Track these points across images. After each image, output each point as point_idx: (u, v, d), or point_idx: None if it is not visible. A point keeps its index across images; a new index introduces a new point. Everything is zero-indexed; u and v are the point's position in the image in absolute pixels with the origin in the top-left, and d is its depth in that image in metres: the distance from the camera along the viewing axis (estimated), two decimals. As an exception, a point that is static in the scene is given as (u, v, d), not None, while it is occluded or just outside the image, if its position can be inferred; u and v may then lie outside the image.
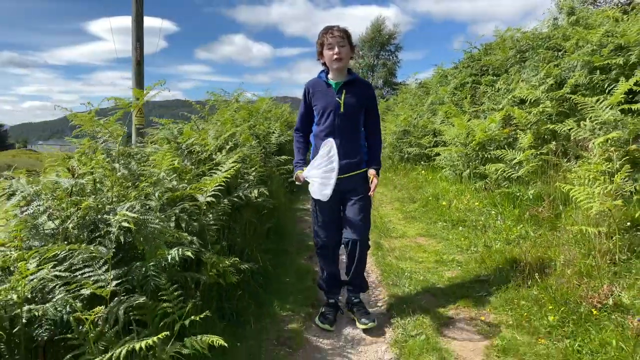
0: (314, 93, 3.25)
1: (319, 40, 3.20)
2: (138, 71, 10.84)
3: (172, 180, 2.98)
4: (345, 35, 3.12)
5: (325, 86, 3.22)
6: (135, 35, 10.86)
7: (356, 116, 3.21)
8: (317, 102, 3.23)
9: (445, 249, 4.83)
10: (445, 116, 8.60)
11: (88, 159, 2.70)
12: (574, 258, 3.56)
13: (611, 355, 2.59)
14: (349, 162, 3.17)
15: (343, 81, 3.18)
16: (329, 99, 3.17)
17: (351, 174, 3.21)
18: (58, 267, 2.23)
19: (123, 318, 2.17)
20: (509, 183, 5.52)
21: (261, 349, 3.06)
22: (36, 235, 2.34)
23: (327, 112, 3.17)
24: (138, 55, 10.84)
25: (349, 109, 3.15)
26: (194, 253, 2.51)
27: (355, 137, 3.24)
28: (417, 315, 3.43)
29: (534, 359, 2.77)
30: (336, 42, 3.08)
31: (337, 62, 3.10)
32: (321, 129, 3.22)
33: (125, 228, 2.31)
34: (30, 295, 2.15)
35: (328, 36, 3.11)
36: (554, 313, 3.09)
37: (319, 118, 3.24)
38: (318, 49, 3.22)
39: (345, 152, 3.12)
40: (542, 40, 8.46)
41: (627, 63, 5.40)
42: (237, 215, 4.04)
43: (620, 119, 4.57)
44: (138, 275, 2.40)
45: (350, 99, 3.15)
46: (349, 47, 3.15)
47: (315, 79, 3.31)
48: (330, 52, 3.10)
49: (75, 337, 2.03)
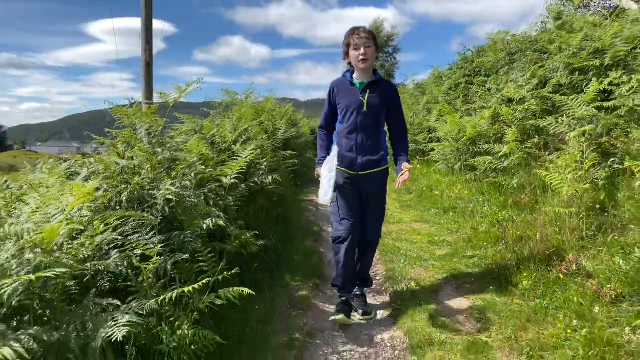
0: (339, 92, 3.32)
1: (345, 41, 3.25)
2: (147, 72, 11.30)
3: (200, 165, 3.45)
4: (371, 37, 3.19)
5: (349, 85, 3.29)
6: (145, 38, 11.32)
7: (378, 116, 3.26)
8: (341, 101, 3.29)
9: (437, 232, 5.31)
10: (439, 114, 9.07)
11: (131, 145, 3.16)
12: (548, 235, 4.04)
13: (572, 309, 3.07)
14: (369, 159, 3.25)
15: (367, 81, 3.25)
16: (353, 98, 3.24)
17: (370, 171, 3.27)
18: (113, 234, 2.71)
19: (168, 273, 2.64)
20: (495, 174, 6.00)
21: (275, 310, 3.54)
22: (94, 207, 2.81)
23: (350, 110, 3.23)
24: (147, 57, 11.31)
25: (371, 108, 3.21)
26: (225, 223, 2.98)
27: (376, 135, 3.28)
28: (411, 284, 3.91)
29: (509, 314, 3.25)
30: (362, 43, 3.14)
31: (363, 63, 3.16)
32: (344, 127, 3.28)
33: (169, 201, 2.79)
34: (93, 254, 2.62)
35: (354, 37, 3.16)
36: (528, 279, 3.57)
37: (342, 116, 3.30)
38: (344, 49, 3.27)
39: (366, 150, 3.23)
40: (530, 43, 8.94)
41: (602, 65, 5.89)
42: (252, 200, 4.50)
43: (594, 114, 5.05)
44: (178, 241, 2.87)
45: (373, 99, 3.21)
46: (375, 47, 3.21)
47: (340, 79, 3.38)
48: (357, 53, 3.16)
49: (134, 285, 2.50)
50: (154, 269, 2.59)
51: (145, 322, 2.43)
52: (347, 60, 3.27)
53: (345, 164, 3.27)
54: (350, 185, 3.30)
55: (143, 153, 3.07)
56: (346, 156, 3.26)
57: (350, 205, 3.32)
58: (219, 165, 3.85)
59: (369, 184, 3.31)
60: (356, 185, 3.27)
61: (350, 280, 3.49)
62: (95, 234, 2.31)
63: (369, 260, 3.60)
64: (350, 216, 3.31)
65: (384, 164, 3.32)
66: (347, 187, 3.31)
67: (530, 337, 2.95)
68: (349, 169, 3.28)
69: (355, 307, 3.50)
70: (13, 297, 1.50)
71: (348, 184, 3.30)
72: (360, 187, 3.30)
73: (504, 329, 3.10)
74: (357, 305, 3.50)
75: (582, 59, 6.21)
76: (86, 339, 1.64)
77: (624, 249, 3.52)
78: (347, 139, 3.26)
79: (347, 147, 3.26)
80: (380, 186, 3.36)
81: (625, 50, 5.82)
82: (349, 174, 3.29)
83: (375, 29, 38.54)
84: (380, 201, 3.41)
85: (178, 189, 2.86)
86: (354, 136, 3.23)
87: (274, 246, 4.48)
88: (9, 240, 1.62)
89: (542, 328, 3.03)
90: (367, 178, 3.28)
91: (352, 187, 3.30)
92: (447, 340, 3.06)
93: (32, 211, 1.92)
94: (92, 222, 2.23)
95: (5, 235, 1.68)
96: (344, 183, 3.30)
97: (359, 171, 3.24)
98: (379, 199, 3.39)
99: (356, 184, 3.27)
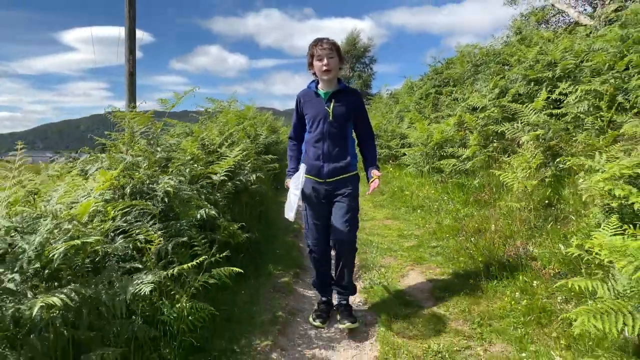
0: (305, 102, 3.34)
1: (309, 51, 3.26)
2: (131, 81, 11.52)
3: (192, 164, 3.83)
4: (334, 48, 3.19)
5: (314, 96, 3.31)
6: (128, 48, 11.57)
7: (345, 124, 3.28)
8: (308, 111, 3.31)
9: (406, 227, 5.77)
10: (410, 122, 9.60)
11: (131, 145, 3.53)
12: (501, 226, 4.53)
13: (517, 286, 3.54)
14: (335, 167, 3.27)
15: (332, 91, 3.27)
16: (319, 108, 3.26)
17: (338, 178, 3.29)
18: (119, 220, 3.07)
19: (169, 254, 3.01)
20: (459, 175, 6.51)
21: (260, 294, 3.92)
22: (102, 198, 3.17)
23: (317, 120, 3.25)
24: (131, 66, 11.56)
25: (337, 117, 3.23)
26: (215, 214, 3.37)
27: (343, 143, 3.29)
28: (381, 270, 4.34)
29: (464, 292, 3.71)
30: (325, 54, 3.14)
31: (326, 74, 3.17)
32: (312, 136, 3.30)
33: (167, 193, 3.17)
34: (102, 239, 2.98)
35: (317, 48, 3.17)
36: (482, 261, 4.04)
37: (310, 126, 3.32)
38: (308, 59, 3.28)
39: (332, 157, 3.26)
40: (494, 55, 9.57)
41: (554, 76, 6.48)
42: (237, 198, 4.89)
43: (545, 121, 5.60)
44: (175, 229, 3.25)
45: (339, 108, 3.23)
46: (338, 58, 3.21)
47: (305, 90, 3.40)
48: (320, 64, 3.16)
49: (139, 264, 2.86)
50: (156, 250, 2.96)
51: (149, 297, 2.80)
52: (312, 70, 3.29)
53: (312, 172, 3.30)
54: (317, 193, 3.33)
55: (142, 152, 3.44)
56: (313, 165, 3.29)
57: (317, 214, 3.37)
58: (208, 164, 4.24)
59: (337, 190, 3.32)
60: (324, 193, 3.30)
61: (327, 283, 3.61)
62: (107, 218, 2.68)
63: (348, 266, 3.46)
64: (316, 226, 3.39)
65: (351, 169, 3.33)
66: (315, 196, 3.35)
67: (481, 309, 3.41)
68: (316, 176, 3.31)
69: (340, 317, 3.44)
70: (58, 260, 1.86)
71: (316, 192, 3.33)
72: (328, 193, 3.32)
73: (460, 304, 3.55)
74: (343, 316, 3.42)
75: (536, 71, 6.80)
76: (113, 294, 2.01)
77: (565, 236, 4.02)
78: (315, 147, 3.28)
79: (315, 156, 3.29)
80: (348, 189, 3.33)
81: (573, 63, 6.42)
82: (316, 182, 3.32)
83: (352, 40, 39.25)
84: (349, 202, 3.32)
85: (175, 183, 3.25)
86: (321, 144, 3.25)
87: (258, 239, 4.87)
88: (46, 216, 1.98)
89: (492, 302, 3.50)
90: (334, 184, 3.30)
91: (320, 195, 3.33)
92: (411, 313, 3.49)
93: (61, 195, 2.27)
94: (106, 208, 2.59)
95: (42, 213, 2.03)
96: (312, 191, 3.34)
97: (326, 179, 3.27)
98: (348, 198, 3.32)
99: (324, 191, 3.30)
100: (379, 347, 3.14)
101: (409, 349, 3.00)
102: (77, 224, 2.00)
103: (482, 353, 2.91)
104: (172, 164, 3.53)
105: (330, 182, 3.28)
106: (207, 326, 3.12)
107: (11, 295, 1.81)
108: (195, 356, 2.89)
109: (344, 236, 3.30)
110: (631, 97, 4.75)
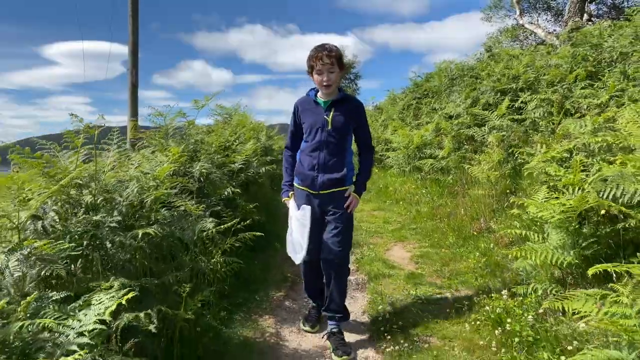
0: (303, 110, 3.15)
1: (308, 61, 3.03)
2: (133, 92, 12.27)
3: (216, 154, 4.61)
4: (335, 60, 2.96)
5: (314, 104, 3.10)
6: (131, 62, 12.32)
7: (344, 134, 3.06)
8: (306, 120, 3.11)
9: (390, 216, 6.59)
10: (393, 129, 10.46)
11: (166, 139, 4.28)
12: (469, 210, 5.37)
13: (480, 251, 4.36)
14: (330, 178, 3.02)
15: (332, 100, 3.06)
16: (317, 116, 3.05)
17: (332, 191, 3.05)
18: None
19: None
20: (436, 172, 7.36)
21: (270, 262, 4.68)
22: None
23: (315, 129, 3.04)
24: (134, 79, 12.30)
25: (336, 126, 3.01)
26: (238, 192, 4.13)
27: (340, 154, 3.06)
28: (368, 246, 5.13)
29: (438, 258, 4.51)
30: (326, 69, 2.94)
31: (326, 89, 2.99)
32: (308, 145, 3.09)
33: (202, 174, 3.93)
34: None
35: (318, 62, 2.94)
36: (452, 237, 4.86)
37: (307, 135, 3.11)
38: (308, 69, 3.07)
39: (328, 168, 3.02)
40: (468, 70, 10.54)
41: (517, 88, 7.40)
42: (247, 188, 5.65)
43: (508, 125, 6.49)
44: (207, 204, 4.00)
45: (338, 117, 3.02)
46: (339, 69, 3.00)
47: (304, 97, 3.20)
48: (320, 78, 2.96)
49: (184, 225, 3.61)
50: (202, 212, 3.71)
51: (191, 254, 3.54)
52: (312, 78, 3.08)
53: (306, 182, 3.08)
54: (311, 205, 3.05)
55: (176, 143, 4.20)
56: (307, 175, 3.06)
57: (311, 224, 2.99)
58: (225, 157, 5.01)
59: (331, 204, 3.07)
60: (316, 207, 3.07)
61: (317, 295, 3.43)
62: (159, 193, 3.43)
63: (338, 287, 3.16)
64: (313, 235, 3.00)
65: (347, 183, 3.08)
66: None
67: (451, 268, 4.22)
68: (309, 188, 3.07)
69: (333, 347, 3.06)
70: (150, 204, 2.62)
71: (309, 204, 3.05)
72: (321, 206, 3.08)
73: (433, 266, 4.36)
74: (335, 345, 3.05)
75: (502, 83, 7.73)
76: (184, 231, 2.78)
77: (520, 215, 4.86)
78: (310, 156, 3.06)
79: (309, 166, 3.06)
80: (343, 206, 3.06)
81: (533, 77, 7.36)
82: (309, 193, 3.09)
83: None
84: (343, 221, 3.06)
85: (208, 167, 4.01)
86: (317, 154, 3.03)
87: (264, 221, 5.62)
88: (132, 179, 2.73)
89: (459, 263, 4.31)
90: (328, 197, 3.06)
91: (313, 207, 3.05)
92: (394, 273, 4.28)
93: (137, 167, 3.00)
94: (163, 181, 3.32)
95: (129, 177, 2.78)
96: (305, 203, 3.06)
97: (320, 190, 3.04)
98: (341, 218, 3.05)
99: (316, 204, 3.07)
100: (369, 295, 3.91)
101: (393, 295, 3.78)
102: (159, 182, 2.74)
103: (450, 296, 3.71)
104: (201, 154, 4.29)
105: (323, 194, 3.05)
106: (233, 282, 3.88)
107: (112, 232, 2.55)
108: (226, 300, 3.64)
109: (334, 255, 3.06)
110: (574, 104, 5.65)
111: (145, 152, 3.55)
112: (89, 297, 1.99)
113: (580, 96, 5.64)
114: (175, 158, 2.95)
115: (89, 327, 1.75)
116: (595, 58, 6.55)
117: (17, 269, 1.97)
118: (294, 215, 3.06)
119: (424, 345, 3.00)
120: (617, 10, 15.40)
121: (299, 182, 3.15)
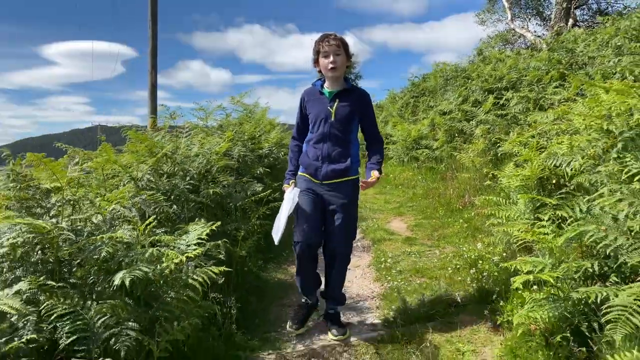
0: (309, 101, 3.12)
1: (314, 48, 3.01)
2: (152, 92, 13.14)
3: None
4: (341, 44, 2.95)
5: (319, 94, 3.07)
6: (151, 64, 13.20)
7: (348, 125, 3.01)
8: (311, 110, 3.09)
9: (390, 197, 7.50)
10: (393, 125, 11.37)
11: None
12: (457, 189, 6.27)
13: (463, 219, 5.26)
14: (333, 169, 2.98)
15: (337, 90, 3.02)
16: (322, 107, 3.03)
17: (334, 181, 3.00)
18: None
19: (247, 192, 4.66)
20: (431, 161, 8.27)
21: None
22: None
23: (319, 120, 3.02)
24: (153, 79, 13.17)
25: (340, 117, 2.97)
26: (267, 171, 5.02)
27: (344, 145, 3.01)
28: (372, 220, 6.04)
29: (429, 226, 5.42)
30: (332, 50, 2.91)
31: (332, 71, 2.93)
32: (313, 136, 3.07)
33: (240, 155, 4.82)
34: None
35: (324, 44, 2.93)
36: (442, 211, 5.76)
37: (312, 126, 3.09)
38: (314, 56, 3.04)
39: (331, 159, 2.99)
40: (461, 71, 11.43)
41: (501, 87, 8.29)
42: (270, 171, 6.54)
43: (493, 119, 7.39)
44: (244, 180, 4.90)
45: (342, 108, 2.98)
46: (345, 55, 2.98)
47: (310, 88, 3.17)
48: (326, 61, 2.93)
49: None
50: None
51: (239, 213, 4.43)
52: (317, 68, 3.06)
53: (309, 170, 3.06)
54: (312, 192, 3.04)
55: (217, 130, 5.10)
56: (312, 164, 3.04)
57: (308, 211, 3.00)
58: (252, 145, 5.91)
59: (334, 194, 3.00)
60: (319, 194, 3.03)
61: (309, 285, 3.28)
62: (223, 162, 4.31)
63: (338, 277, 3.21)
64: (310, 221, 3.00)
65: (351, 174, 3.02)
66: (309, 194, 3.04)
67: (439, 233, 5.12)
68: (313, 176, 3.05)
69: (329, 325, 3.14)
70: (216, 170, 3.54)
71: (310, 191, 3.04)
72: (323, 196, 3.03)
73: (425, 231, 5.27)
74: (330, 325, 3.13)
75: (489, 83, 8.62)
76: (236, 195, 3.68)
77: (498, 192, 5.76)
78: (315, 148, 3.04)
79: (314, 156, 3.04)
80: (346, 196, 3.01)
81: (516, 77, 8.25)
82: (312, 182, 3.05)
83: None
84: (347, 210, 3.01)
85: (244, 150, 4.91)
86: (321, 145, 3.01)
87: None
88: (197, 155, 3.63)
89: (446, 229, 5.21)
90: (331, 187, 3.01)
91: (313, 195, 3.03)
92: (393, 238, 5.18)
93: (199, 147, 3.91)
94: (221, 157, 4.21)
95: (195, 153, 3.69)
96: (307, 189, 3.06)
97: (323, 180, 3.00)
98: (345, 207, 3.00)
99: (319, 192, 3.03)
100: (373, 254, 4.81)
101: (393, 253, 4.68)
102: (220, 156, 3.65)
103: (438, 253, 4.61)
104: (237, 140, 5.19)
105: (326, 184, 3.00)
106: (266, 242, 4.77)
107: (187, 191, 3.45)
108: (261, 255, 4.54)
109: (340, 247, 3.08)
110: (547, 100, 6.55)
111: (198, 138, 4.46)
112: (184, 228, 2.88)
113: (552, 94, 6.52)
114: (229, 139, 3.85)
115: (194, 241, 2.65)
116: (567, 61, 7.44)
117: (140, 207, 2.86)
118: (285, 197, 3.05)
119: (416, 282, 3.90)
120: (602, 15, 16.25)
121: (303, 170, 3.12)
